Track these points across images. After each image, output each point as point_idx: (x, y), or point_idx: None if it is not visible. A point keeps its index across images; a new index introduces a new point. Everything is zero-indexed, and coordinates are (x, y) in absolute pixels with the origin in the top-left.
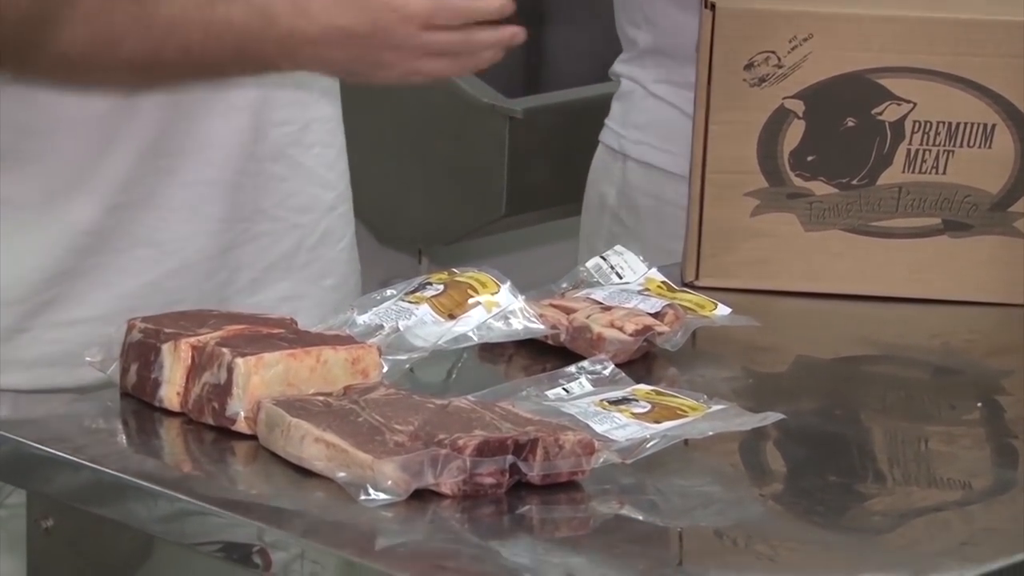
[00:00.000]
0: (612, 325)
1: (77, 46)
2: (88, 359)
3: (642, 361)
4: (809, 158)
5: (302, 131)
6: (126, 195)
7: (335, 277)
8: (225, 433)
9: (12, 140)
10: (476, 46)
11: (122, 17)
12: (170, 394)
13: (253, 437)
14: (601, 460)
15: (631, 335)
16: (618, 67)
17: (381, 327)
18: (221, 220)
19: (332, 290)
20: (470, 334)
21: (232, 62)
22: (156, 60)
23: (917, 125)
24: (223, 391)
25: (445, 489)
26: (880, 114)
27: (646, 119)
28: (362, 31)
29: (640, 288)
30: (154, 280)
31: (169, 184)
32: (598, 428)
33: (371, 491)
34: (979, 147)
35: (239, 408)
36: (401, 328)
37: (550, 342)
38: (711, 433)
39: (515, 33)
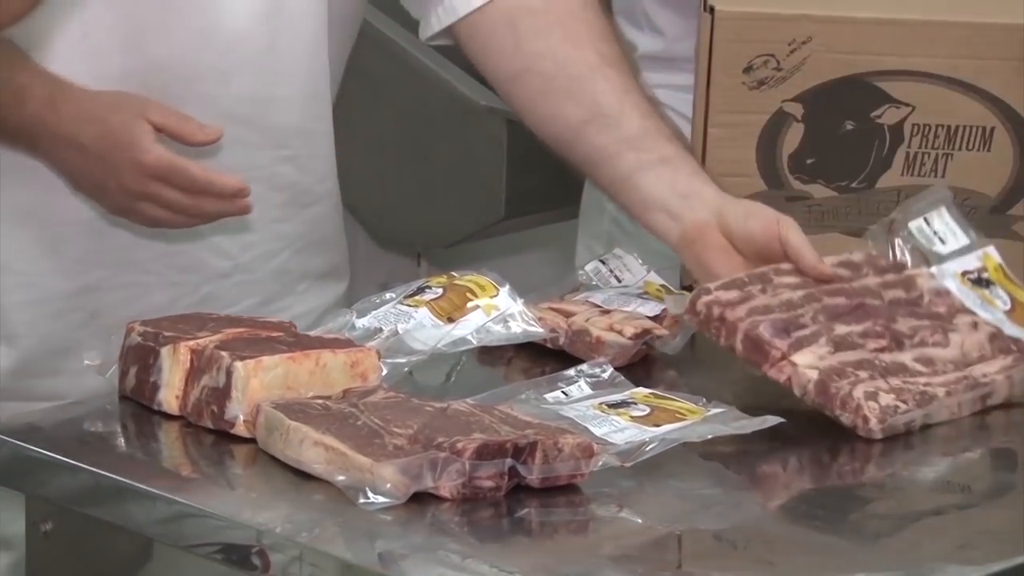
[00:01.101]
0: (611, 328)
1: None
2: (87, 362)
3: (641, 364)
4: (808, 161)
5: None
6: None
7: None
8: (224, 436)
9: None
10: (200, 212)
11: None
12: (169, 397)
13: (252, 440)
14: (600, 463)
15: (630, 338)
16: None
17: (380, 330)
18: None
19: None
20: (469, 337)
21: None
22: None
23: (916, 128)
24: (222, 394)
25: (444, 492)
26: (879, 117)
27: None
28: (93, 153)
29: (639, 291)
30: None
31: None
32: (597, 431)
33: (370, 494)
34: (978, 150)
35: (238, 411)
36: (400, 331)
37: (549, 345)
38: (710, 436)
39: (244, 207)
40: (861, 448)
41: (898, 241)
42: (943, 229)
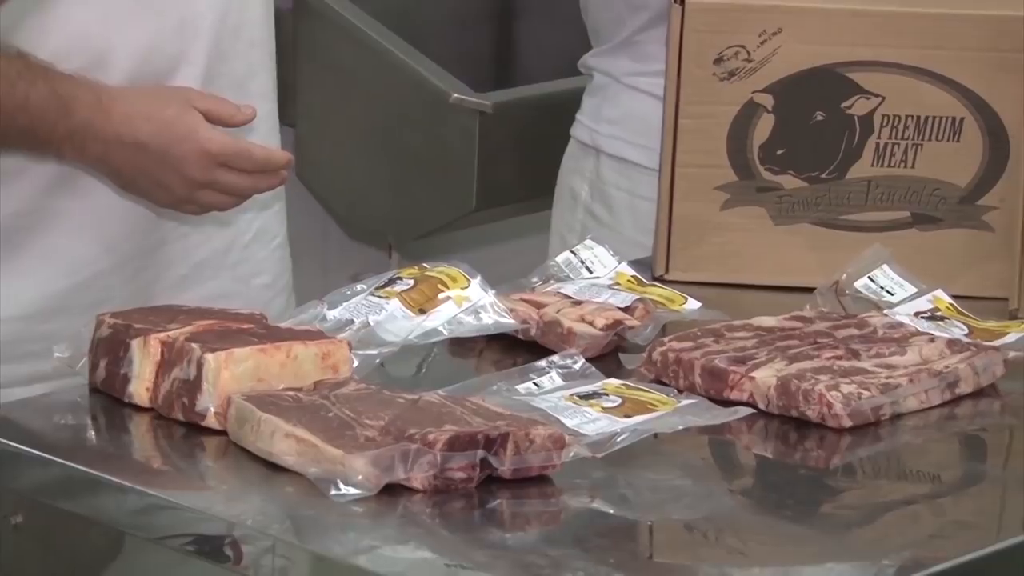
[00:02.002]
0: (582, 320)
1: None
2: (57, 354)
3: (612, 355)
4: (778, 152)
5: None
6: (57, 193)
7: (268, 275)
8: (195, 429)
9: None
10: (254, 190)
11: None
12: (139, 390)
13: (223, 433)
14: (572, 454)
15: (601, 329)
16: (591, 60)
17: (351, 322)
18: (154, 218)
19: (265, 288)
20: (440, 329)
21: (18, 140)
22: None
23: (886, 119)
24: (193, 387)
25: (416, 484)
26: (849, 108)
27: (620, 113)
28: (155, 149)
29: (610, 282)
30: (84, 279)
31: (103, 183)
32: (569, 422)
33: (342, 486)
34: (948, 140)
35: (209, 404)
36: (371, 323)
37: (520, 337)
38: (681, 427)
39: (286, 179)
40: (831, 439)
41: (847, 300)
42: (889, 283)
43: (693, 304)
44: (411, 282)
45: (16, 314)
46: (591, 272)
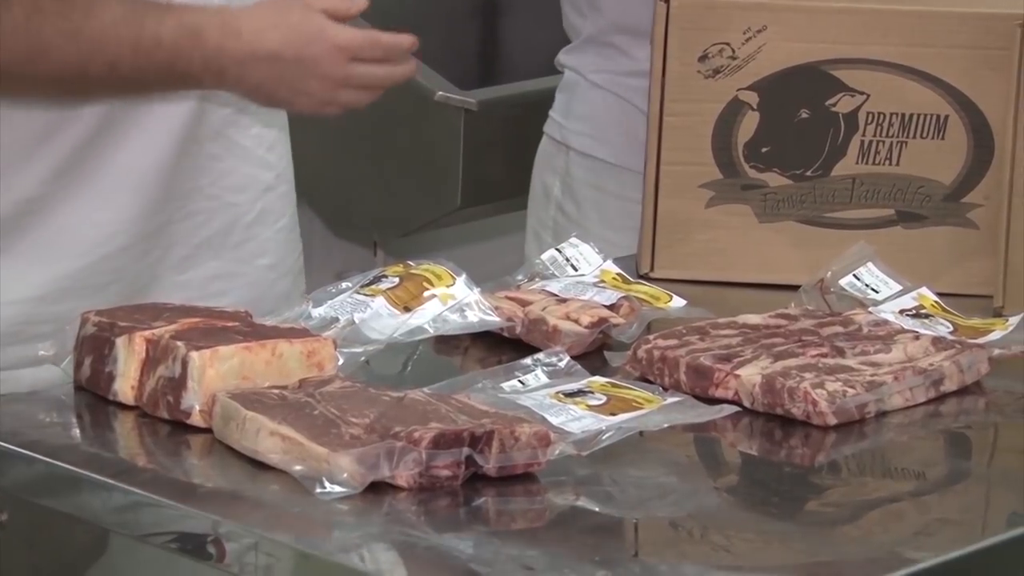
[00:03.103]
0: (568, 317)
1: (3, 59)
2: (41, 352)
3: (598, 353)
4: (763, 149)
5: (240, 112)
6: (66, 176)
7: (272, 256)
8: (180, 427)
9: None
10: (392, 81)
11: (50, 31)
12: (124, 388)
13: (208, 431)
14: (557, 452)
15: (587, 327)
16: (562, 57)
17: (336, 320)
18: (158, 200)
19: (268, 269)
20: (426, 326)
21: (158, 79)
22: (82, 75)
23: (871, 116)
24: (178, 384)
25: (401, 482)
26: (834, 105)
27: (587, 110)
28: (289, 56)
29: (595, 280)
30: (93, 261)
31: (111, 165)
32: (554, 420)
33: (327, 484)
34: (932, 138)
35: (194, 401)
36: (356, 321)
37: (506, 334)
38: (666, 425)
39: (414, 68)
40: (816, 436)
41: (831, 298)
42: (874, 281)
43: (678, 302)
44: (396, 280)
45: (25, 296)
46: (576, 270)
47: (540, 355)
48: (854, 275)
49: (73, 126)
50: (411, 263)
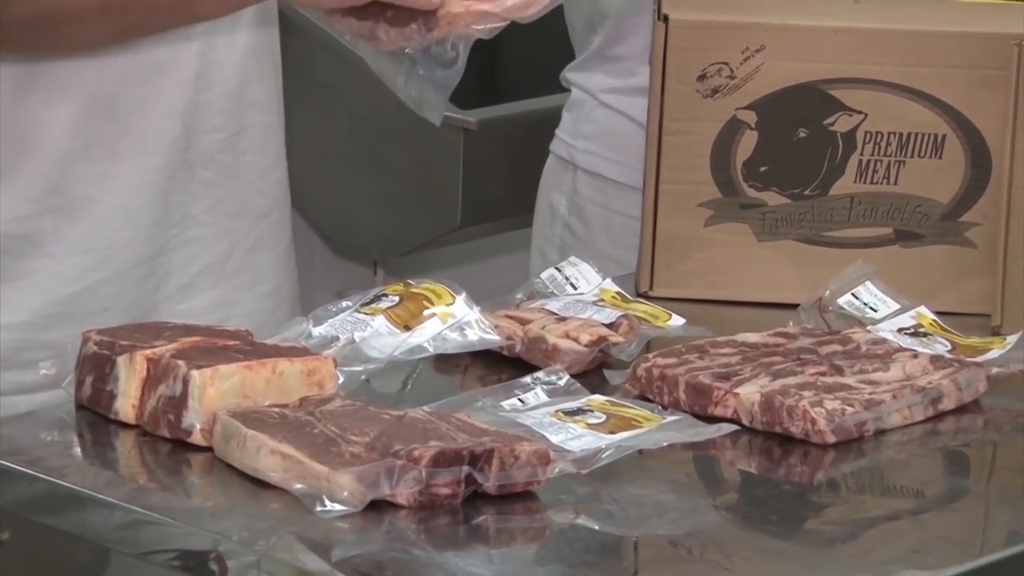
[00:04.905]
0: (567, 336)
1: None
2: (43, 371)
3: (597, 371)
4: (762, 169)
5: (234, 137)
6: (57, 200)
7: (270, 284)
8: (181, 445)
9: None
10: None
11: None
12: (125, 406)
13: (209, 449)
14: (557, 470)
15: (586, 346)
16: (569, 75)
17: (337, 339)
18: (152, 225)
19: (267, 297)
20: (426, 345)
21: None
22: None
23: (868, 136)
24: (179, 403)
25: (401, 500)
26: (832, 125)
27: (595, 129)
28: None
29: (595, 299)
30: (87, 287)
31: (101, 190)
32: (553, 438)
33: (327, 502)
34: (930, 157)
35: (195, 420)
36: (357, 339)
37: (505, 353)
38: (666, 443)
39: None
40: (815, 454)
41: (830, 317)
42: (872, 300)
43: (677, 320)
44: (396, 299)
45: (19, 321)
46: (575, 288)
47: (540, 373)
48: (852, 294)
49: (60, 146)
50: (411, 282)
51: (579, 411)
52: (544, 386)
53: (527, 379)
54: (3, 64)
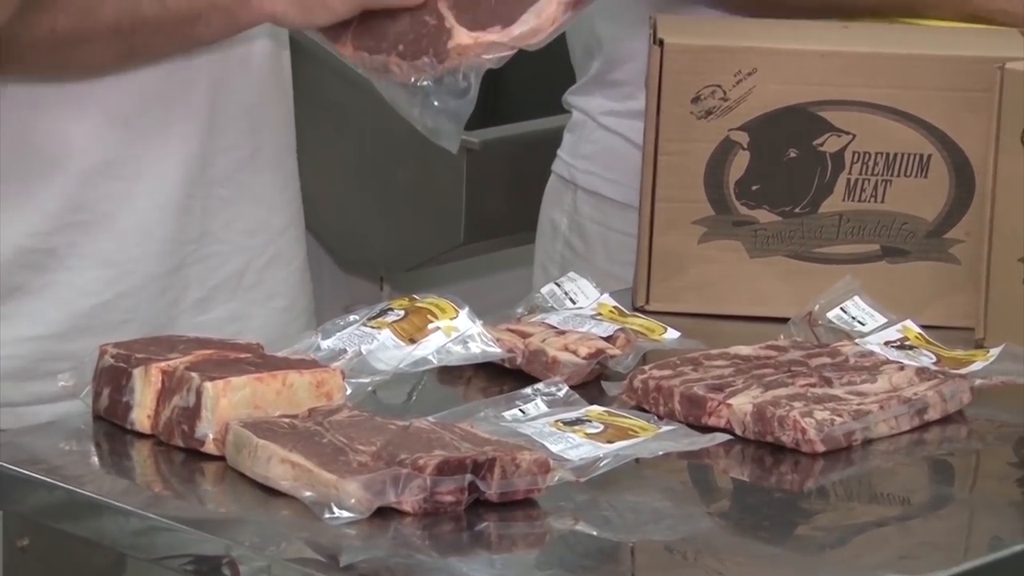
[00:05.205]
0: (566, 349)
1: (62, 22)
2: (61, 383)
3: (595, 383)
4: (754, 187)
5: (250, 157)
6: (75, 215)
7: (285, 298)
8: (194, 454)
9: None
10: None
11: None
12: (141, 417)
13: (221, 458)
14: (556, 478)
15: (584, 358)
16: (570, 98)
17: (344, 351)
18: (171, 241)
19: (282, 311)
20: (430, 358)
21: (206, 6)
22: (136, 16)
23: (856, 156)
24: (192, 414)
25: (406, 507)
26: (821, 145)
27: (594, 150)
28: None
29: (593, 313)
30: (107, 300)
31: (121, 207)
32: (553, 448)
33: (335, 509)
34: (915, 176)
35: (208, 430)
36: (364, 352)
37: (507, 365)
38: (661, 452)
39: None
40: (804, 463)
41: (819, 330)
42: (860, 314)
43: (672, 334)
44: (402, 313)
45: (40, 333)
46: (574, 303)
47: (540, 385)
48: (841, 308)
49: (81, 164)
50: (416, 297)
51: (578, 421)
52: (544, 397)
53: (528, 390)
54: (25, 84)
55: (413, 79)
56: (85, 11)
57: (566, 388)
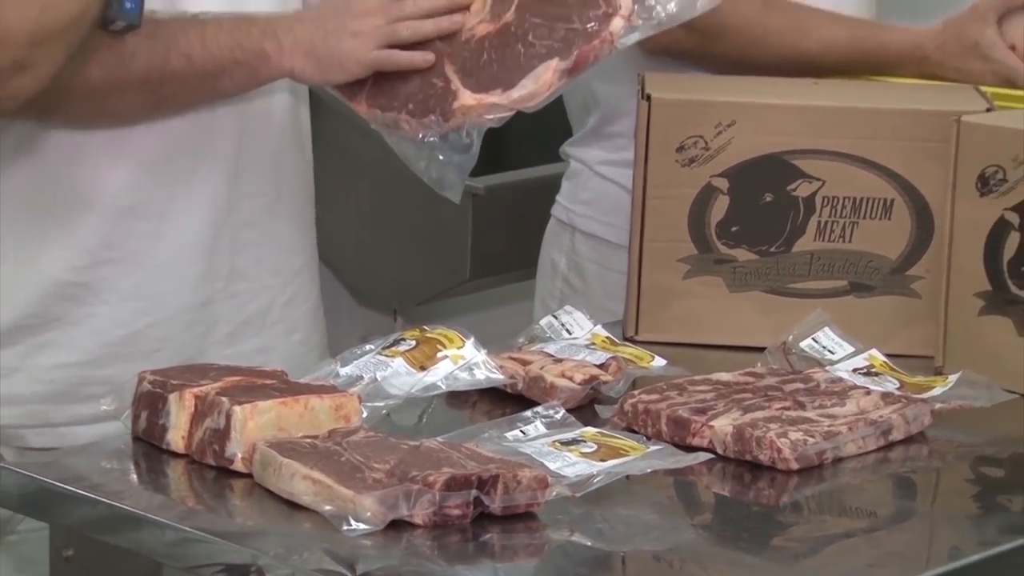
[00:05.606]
0: (563, 375)
1: (95, 74)
2: (103, 407)
3: (589, 406)
4: (733, 229)
5: (275, 203)
6: (110, 252)
7: (302, 333)
8: (224, 472)
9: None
10: (452, 5)
11: (129, 39)
12: (176, 438)
13: (249, 475)
14: (554, 493)
15: (579, 384)
16: (568, 148)
17: (361, 378)
18: (200, 278)
19: (299, 344)
20: (439, 383)
21: (230, 62)
22: (164, 70)
23: (826, 200)
24: (222, 435)
25: (417, 520)
26: (794, 190)
27: (591, 196)
28: (331, 5)
29: (587, 342)
30: (139, 330)
31: (152, 245)
32: (551, 465)
33: (352, 522)
34: (880, 219)
35: (236, 450)
36: (378, 378)
37: (509, 390)
38: (649, 470)
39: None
40: (780, 480)
41: (793, 358)
42: (830, 344)
43: (659, 361)
44: (413, 343)
45: (77, 360)
46: (570, 333)
47: (539, 408)
48: (813, 338)
49: (114, 205)
50: (426, 328)
51: (574, 441)
52: (543, 419)
53: (528, 413)
54: (64, 130)
55: (421, 135)
56: (117, 64)
57: (563, 411)
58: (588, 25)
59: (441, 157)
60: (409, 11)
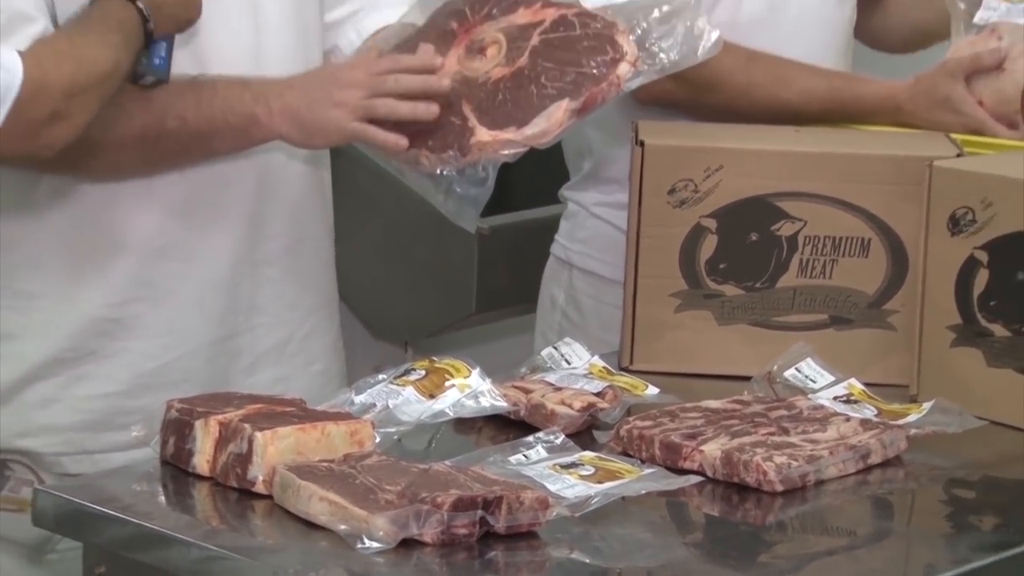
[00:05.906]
0: (563, 403)
1: (94, 132)
2: (134, 434)
3: (587, 432)
4: (721, 266)
5: (296, 243)
6: (142, 291)
7: (321, 364)
8: (246, 494)
9: (33, 245)
10: (425, 88)
11: (127, 99)
12: (201, 462)
13: (269, 497)
14: (555, 514)
15: (578, 411)
16: (566, 192)
17: (374, 405)
18: (222, 312)
19: (319, 375)
20: (447, 411)
21: (222, 124)
22: (160, 130)
23: (808, 239)
24: (245, 459)
25: (427, 538)
26: (778, 230)
27: (587, 235)
28: (319, 72)
29: (585, 372)
30: (168, 362)
31: (180, 284)
32: (552, 487)
33: (366, 541)
34: (858, 257)
35: (258, 473)
36: (390, 406)
37: (512, 417)
38: (644, 492)
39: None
40: (766, 501)
41: (778, 387)
42: (812, 373)
43: (653, 390)
44: (423, 372)
45: (111, 391)
46: (569, 364)
47: (540, 434)
48: (796, 368)
49: (144, 247)
50: (435, 359)
51: (573, 465)
52: (544, 444)
53: (530, 438)
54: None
55: (440, 170)
56: (114, 121)
57: (563, 436)
58: (596, 69)
59: (458, 190)
60: (389, 88)
